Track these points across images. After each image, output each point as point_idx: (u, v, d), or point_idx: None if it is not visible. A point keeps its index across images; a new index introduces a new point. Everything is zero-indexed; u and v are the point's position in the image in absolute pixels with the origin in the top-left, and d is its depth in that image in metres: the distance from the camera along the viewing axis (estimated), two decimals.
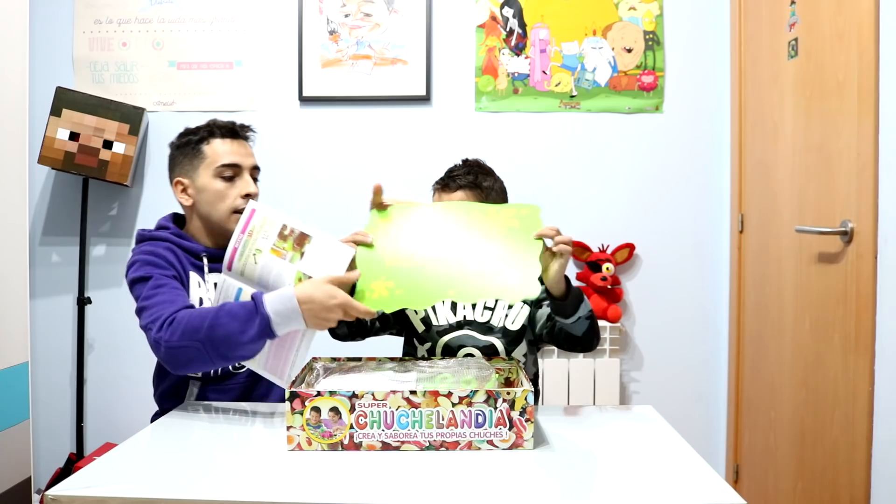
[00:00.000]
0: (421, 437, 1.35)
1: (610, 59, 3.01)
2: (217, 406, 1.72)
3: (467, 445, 1.36)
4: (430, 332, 1.88)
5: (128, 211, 3.13)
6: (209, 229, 1.88)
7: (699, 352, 3.05)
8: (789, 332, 2.38)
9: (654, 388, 3.05)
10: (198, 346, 1.53)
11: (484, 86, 3.03)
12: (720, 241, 3.01)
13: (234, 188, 1.84)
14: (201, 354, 1.53)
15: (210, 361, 1.55)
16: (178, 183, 1.90)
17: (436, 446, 1.36)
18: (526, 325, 1.87)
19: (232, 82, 3.09)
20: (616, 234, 3.02)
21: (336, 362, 1.65)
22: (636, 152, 3.03)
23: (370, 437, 1.35)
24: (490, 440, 1.36)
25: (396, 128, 3.05)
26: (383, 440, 1.35)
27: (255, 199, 1.80)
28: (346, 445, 1.35)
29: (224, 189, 1.83)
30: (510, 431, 1.35)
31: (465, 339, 1.85)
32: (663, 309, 3.04)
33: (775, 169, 2.52)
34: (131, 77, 3.10)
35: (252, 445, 1.47)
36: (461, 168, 1.92)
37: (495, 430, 1.35)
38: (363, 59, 3.03)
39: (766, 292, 2.59)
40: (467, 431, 1.35)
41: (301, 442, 1.35)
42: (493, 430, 1.35)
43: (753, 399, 2.74)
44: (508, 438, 1.36)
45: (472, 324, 1.87)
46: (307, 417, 1.35)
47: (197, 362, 1.55)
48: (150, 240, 1.84)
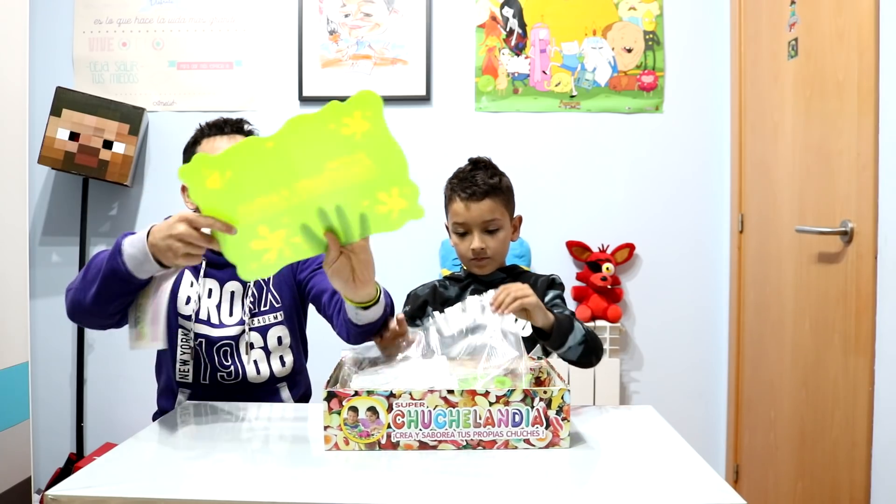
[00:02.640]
0: (458, 436, 1.35)
1: (610, 59, 3.01)
2: (219, 406, 1.72)
3: (504, 444, 1.36)
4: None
5: (128, 211, 3.13)
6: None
7: (699, 352, 3.05)
8: (789, 332, 2.38)
9: (654, 388, 3.05)
10: (79, 284, 1.56)
11: (484, 86, 3.03)
12: (720, 241, 3.02)
13: None
14: (79, 292, 1.55)
15: (86, 297, 1.53)
16: (183, 187, 1.85)
17: (473, 445, 1.36)
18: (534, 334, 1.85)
19: (232, 82, 3.09)
20: (616, 234, 3.02)
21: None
22: (636, 152, 3.03)
23: (408, 437, 1.35)
24: (527, 439, 1.36)
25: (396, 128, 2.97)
26: (420, 439, 1.35)
27: None
28: (384, 445, 1.35)
29: None
30: (547, 430, 1.36)
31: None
32: (663, 309, 3.04)
33: (775, 169, 2.52)
34: (131, 77, 3.10)
35: (258, 444, 1.47)
36: (478, 171, 1.86)
37: (532, 428, 1.36)
38: (363, 59, 3.03)
39: (766, 292, 2.59)
40: (504, 430, 1.36)
41: (339, 442, 1.35)
42: (529, 429, 1.36)
43: (753, 399, 2.74)
44: (545, 437, 1.36)
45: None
46: (345, 417, 1.35)
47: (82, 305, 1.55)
48: None
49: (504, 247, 1.87)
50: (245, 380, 1.82)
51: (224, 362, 1.81)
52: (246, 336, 1.82)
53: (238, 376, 1.82)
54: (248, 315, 1.83)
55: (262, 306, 1.85)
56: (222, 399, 1.81)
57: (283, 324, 1.87)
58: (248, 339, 1.82)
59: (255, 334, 1.83)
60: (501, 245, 1.85)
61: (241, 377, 1.82)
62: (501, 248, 1.86)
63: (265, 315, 1.85)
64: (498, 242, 1.84)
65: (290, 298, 1.89)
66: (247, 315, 1.83)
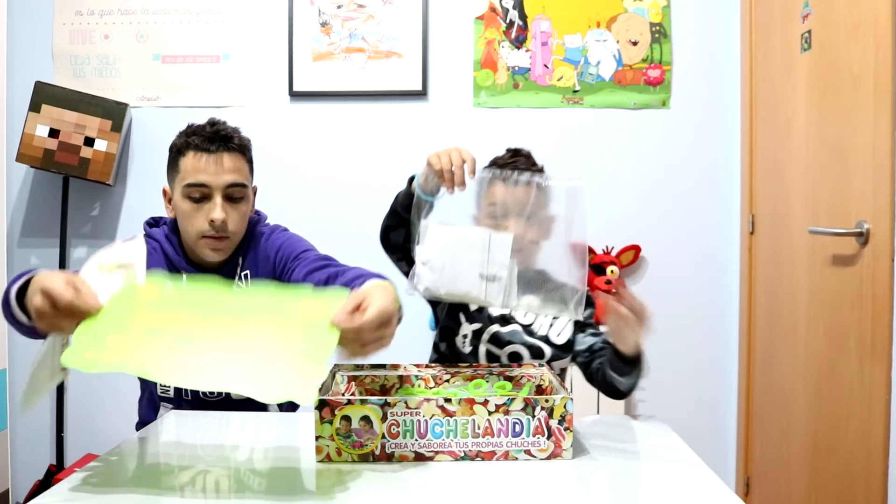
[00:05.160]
0: (456, 446, 1.35)
1: (614, 52, 3.01)
2: (205, 415, 1.71)
3: (504, 455, 1.35)
4: (483, 313, 1.84)
5: (110, 211, 3.12)
6: (188, 248, 1.80)
7: (708, 358, 3.05)
8: (802, 337, 2.38)
9: (661, 397, 3.05)
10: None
11: (483, 80, 3.03)
12: (730, 242, 3.02)
13: (202, 211, 1.71)
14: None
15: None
16: (164, 192, 1.82)
17: (471, 456, 1.35)
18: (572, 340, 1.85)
19: (219, 77, 3.08)
20: (621, 236, 3.02)
21: (360, 370, 1.64)
22: (642, 150, 3.03)
23: (403, 448, 1.34)
24: (528, 450, 1.35)
25: (391, 124, 3.05)
26: (416, 450, 1.35)
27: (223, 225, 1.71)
28: (378, 456, 1.34)
29: (191, 211, 1.72)
30: (548, 441, 1.35)
31: (515, 335, 1.82)
32: (670, 314, 3.04)
33: (788, 167, 2.52)
34: (114, 71, 3.10)
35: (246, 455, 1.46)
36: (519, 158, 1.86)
37: (533, 439, 1.35)
38: (356, 52, 3.03)
39: (779, 296, 2.59)
40: (504, 441, 1.35)
41: (331, 453, 1.34)
42: (530, 440, 1.35)
43: (765, 408, 2.74)
44: (547, 448, 1.35)
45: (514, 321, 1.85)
46: (337, 427, 1.34)
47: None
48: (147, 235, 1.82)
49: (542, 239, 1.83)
50: (229, 396, 1.81)
51: None
52: None
53: (221, 394, 1.80)
54: None
55: None
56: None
57: None
58: None
59: None
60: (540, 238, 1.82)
61: (223, 394, 1.80)
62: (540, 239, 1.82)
63: None
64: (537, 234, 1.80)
65: None
66: None
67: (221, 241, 1.73)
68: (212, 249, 1.73)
